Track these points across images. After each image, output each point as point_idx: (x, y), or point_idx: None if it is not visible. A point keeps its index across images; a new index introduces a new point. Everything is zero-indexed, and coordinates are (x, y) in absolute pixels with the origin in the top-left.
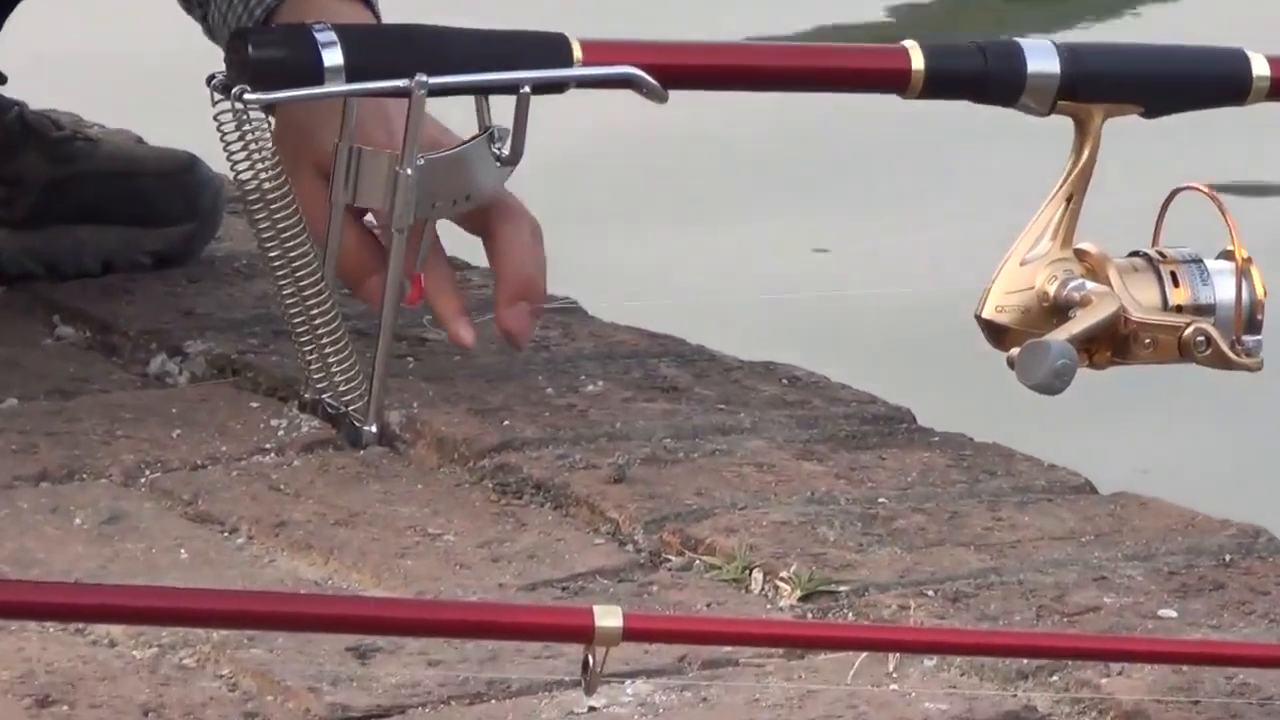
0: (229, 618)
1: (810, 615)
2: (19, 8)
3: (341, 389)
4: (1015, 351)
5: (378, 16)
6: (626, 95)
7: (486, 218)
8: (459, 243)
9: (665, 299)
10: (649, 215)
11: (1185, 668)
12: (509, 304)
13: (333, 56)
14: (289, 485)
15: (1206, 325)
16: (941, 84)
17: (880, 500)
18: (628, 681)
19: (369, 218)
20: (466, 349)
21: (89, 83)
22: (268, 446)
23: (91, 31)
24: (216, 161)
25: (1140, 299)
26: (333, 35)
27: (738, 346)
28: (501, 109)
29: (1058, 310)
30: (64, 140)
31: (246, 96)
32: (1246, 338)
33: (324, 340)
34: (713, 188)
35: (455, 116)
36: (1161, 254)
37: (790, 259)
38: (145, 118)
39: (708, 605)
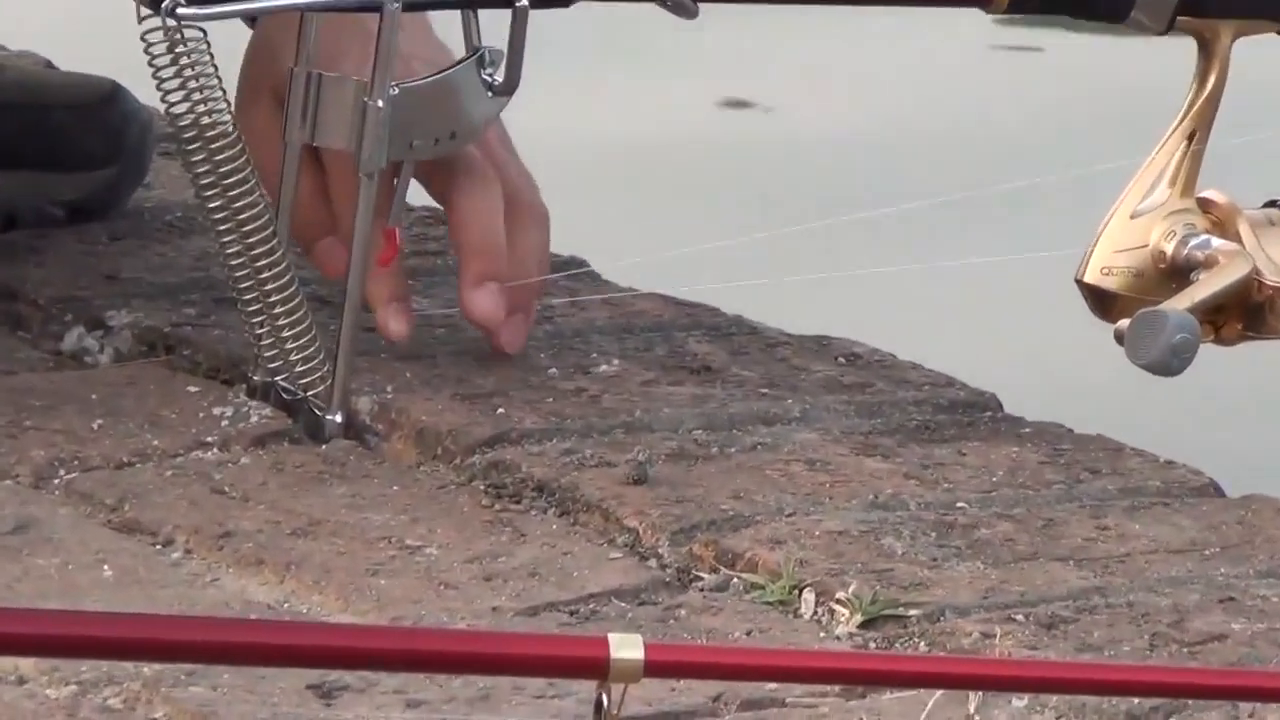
0: (163, 648)
1: (873, 645)
2: None
3: (299, 370)
4: (1124, 323)
5: None
6: (647, 9)
7: (446, 178)
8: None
9: (693, 257)
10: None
11: None
12: (472, 285)
13: None
14: (235, 487)
15: None
16: None
17: (959, 505)
18: None
19: None
20: (392, 343)
21: None
22: (209, 440)
23: None
24: (144, 91)
25: (1277, 259)
26: None
27: (784, 316)
28: (493, 29)
29: (1176, 273)
30: None
31: (180, 10)
32: None
33: (277, 310)
34: None
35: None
36: None
37: None
38: (56, 38)
39: (747, 633)
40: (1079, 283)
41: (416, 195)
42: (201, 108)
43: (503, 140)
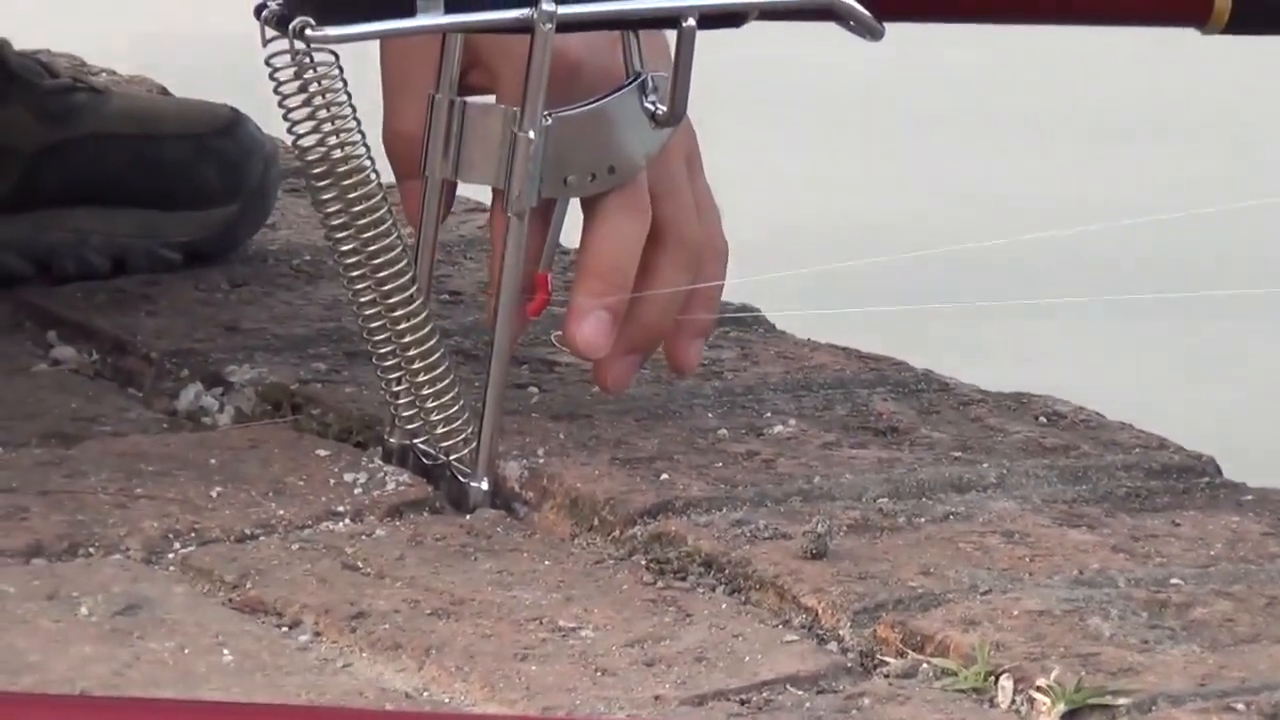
0: None
1: None
2: None
3: (440, 431)
4: None
5: None
6: (825, 29)
7: (595, 197)
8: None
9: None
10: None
11: None
12: (579, 311)
13: None
14: (369, 562)
15: None
16: (1256, 12)
17: (1173, 581)
18: None
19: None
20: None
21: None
22: (340, 510)
23: None
24: (269, 120)
25: None
26: None
27: (978, 371)
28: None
29: None
30: (60, 91)
31: (310, 32)
32: None
33: (416, 365)
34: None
35: None
36: None
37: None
38: (171, 63)
39: None
40: None
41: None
42: (333, 139)
43: (690, 160)
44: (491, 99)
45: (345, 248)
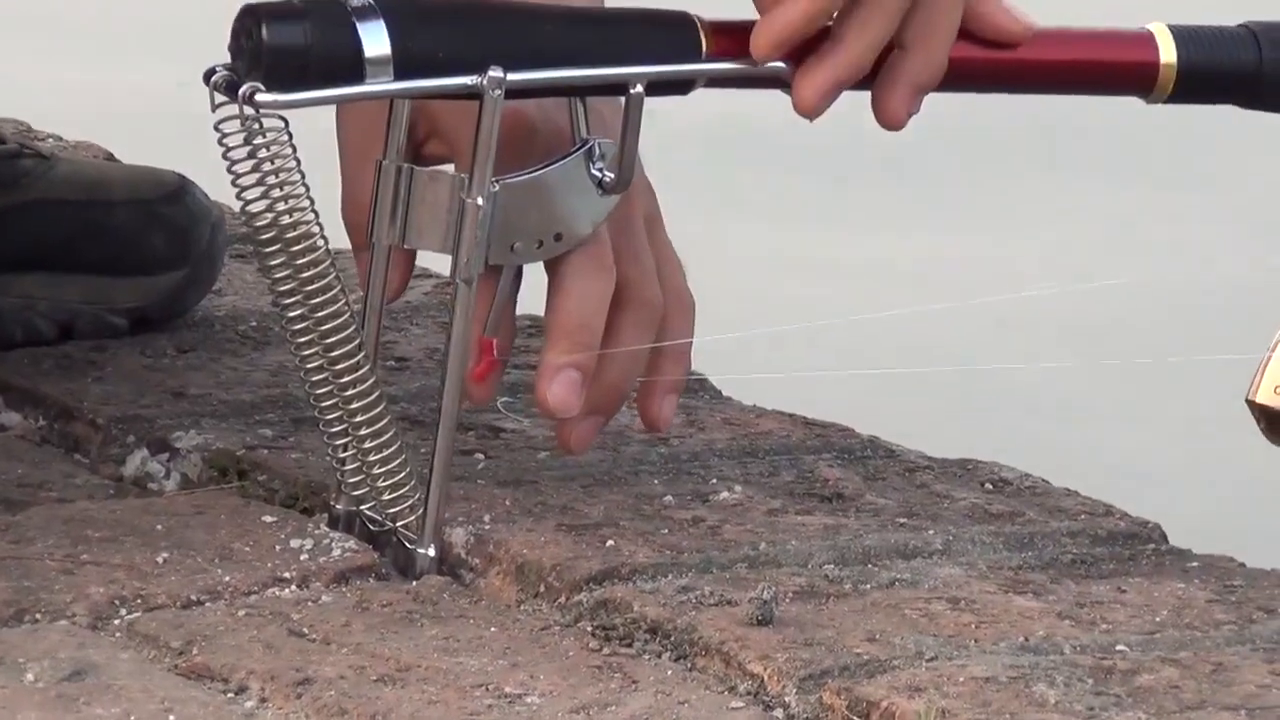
0: None
1: None
2: None
3: (386, 498)
4: None
5: None
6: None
7: (559, 257)
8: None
9: (825, 368)
10: (799, 239)
11: None
12: (551, 371)
13: (376, 42)
14: (315, 629)
15: None
16: (1199, 82)
17: (1119, 648)
18: None
19: None
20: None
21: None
22: (286, 576)
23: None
24: (216, 186)
25: None
26: (376, 12)
27: (923, 438)
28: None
29: None
30: (6, 157)
31: (259, 98)
32: None
33: (363, 431)
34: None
35: None
36: None
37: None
38: (117, 130)
39: None
40: (1249, 403)
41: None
42: (281, 205)
43: (650, 220)
44: (444, 167)
45: (292, 314)
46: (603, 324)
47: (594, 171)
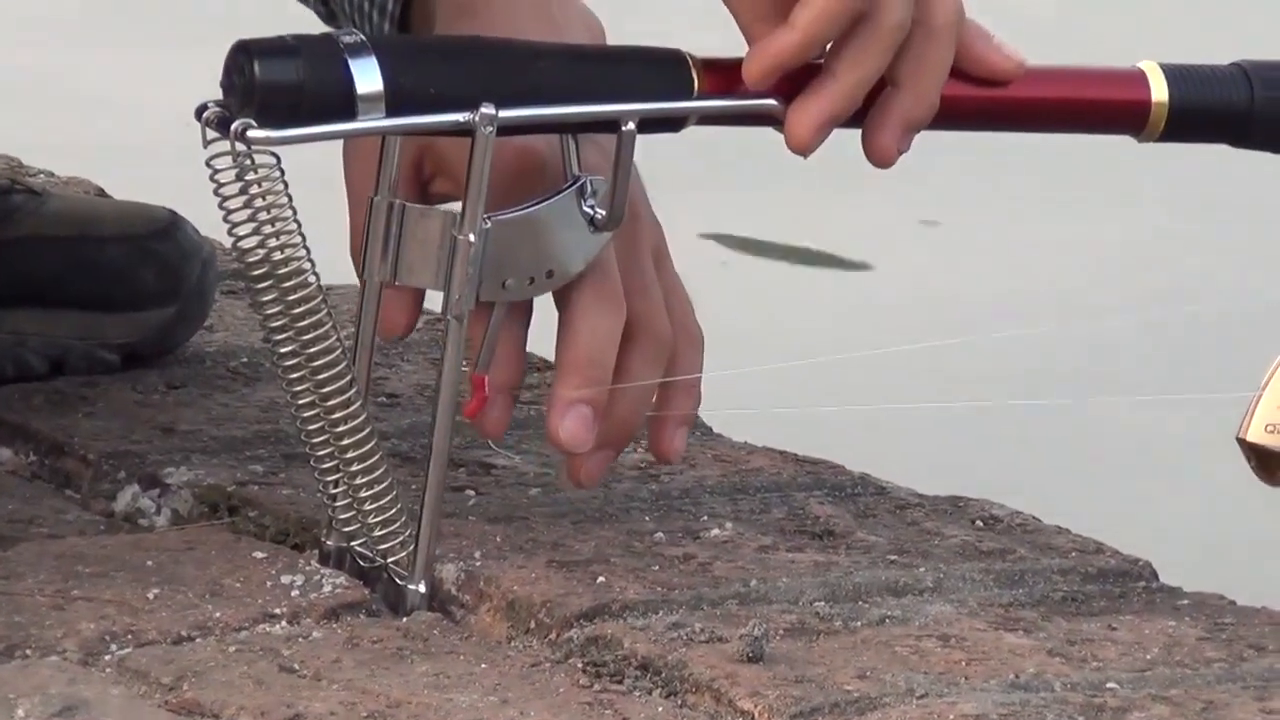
0: None
1: None
2: None
3: (377, 534)
4: None
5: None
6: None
7: (566, 290)
8: None
9: (815, 407)
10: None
11: None
12: (562, 406)
13: (368, 79)
14: (305, 665)
15: None
16: (1191, 121)
17: (1109, 685)
18: None
19: None
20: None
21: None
22: (277, 612)
23: (43, 49)
24: (208, 222)
25: None
26: (369, 49)
27: (915, 475)
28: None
29: None
30: None
31: (251, 134)
32: None
33: (354, 468)
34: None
35: None
36: None
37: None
38: (110, 164)
39: None
40: (1240, 441)
41: None
42: (273, 242)
43: (657, 253)
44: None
45: (284, 349)
46: (614, 359)
47: (585, 208)
